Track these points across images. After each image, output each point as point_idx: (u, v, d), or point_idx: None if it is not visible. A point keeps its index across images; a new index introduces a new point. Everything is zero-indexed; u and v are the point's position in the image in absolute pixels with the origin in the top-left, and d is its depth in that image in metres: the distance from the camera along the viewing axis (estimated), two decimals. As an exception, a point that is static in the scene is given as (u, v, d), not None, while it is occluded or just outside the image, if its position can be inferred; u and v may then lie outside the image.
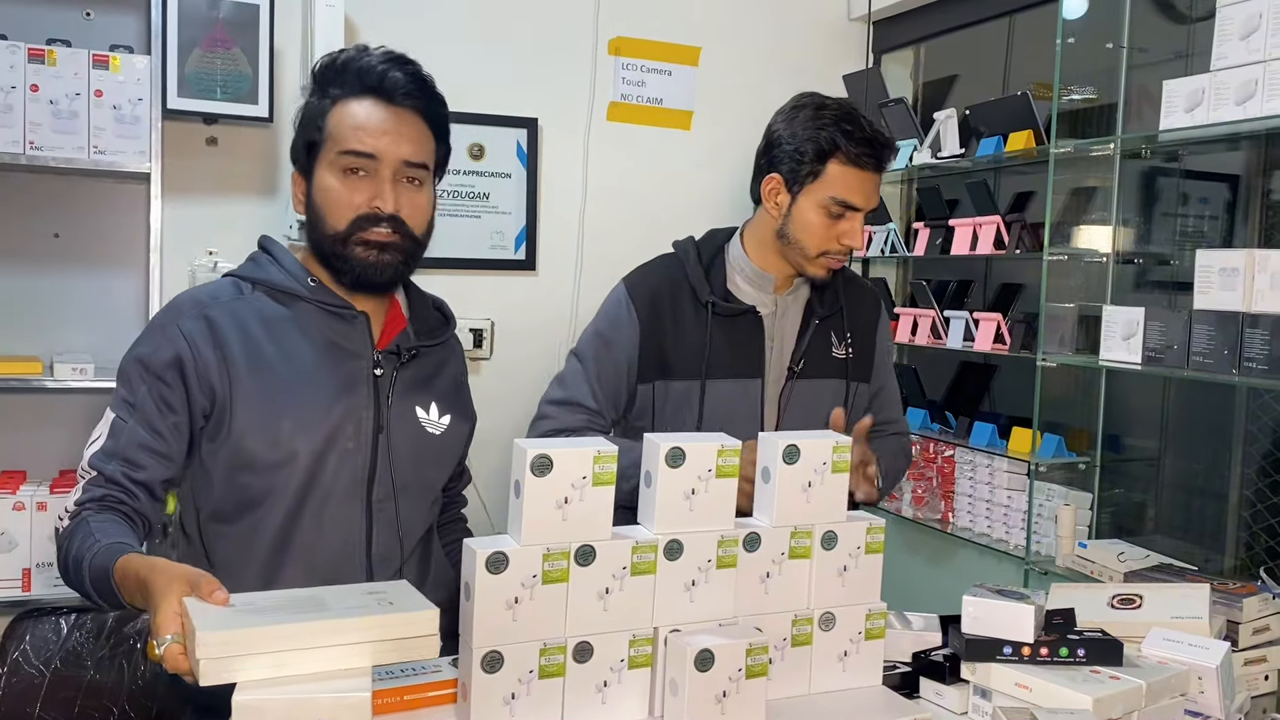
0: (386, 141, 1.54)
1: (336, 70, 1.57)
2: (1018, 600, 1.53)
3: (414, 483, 1.63)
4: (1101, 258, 2.58)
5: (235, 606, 1.12)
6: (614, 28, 3.12)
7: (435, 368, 1.71)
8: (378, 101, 1.56)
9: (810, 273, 1.95)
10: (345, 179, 1.54)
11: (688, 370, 1.95)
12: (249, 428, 1.51)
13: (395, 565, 1.59)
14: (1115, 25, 2.57)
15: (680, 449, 1.32)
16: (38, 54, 2.34)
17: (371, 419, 1.58)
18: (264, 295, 1.58)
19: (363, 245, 1.55)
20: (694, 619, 1.34)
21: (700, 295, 1.96)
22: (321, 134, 1.56)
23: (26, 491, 2.45)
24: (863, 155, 1.87)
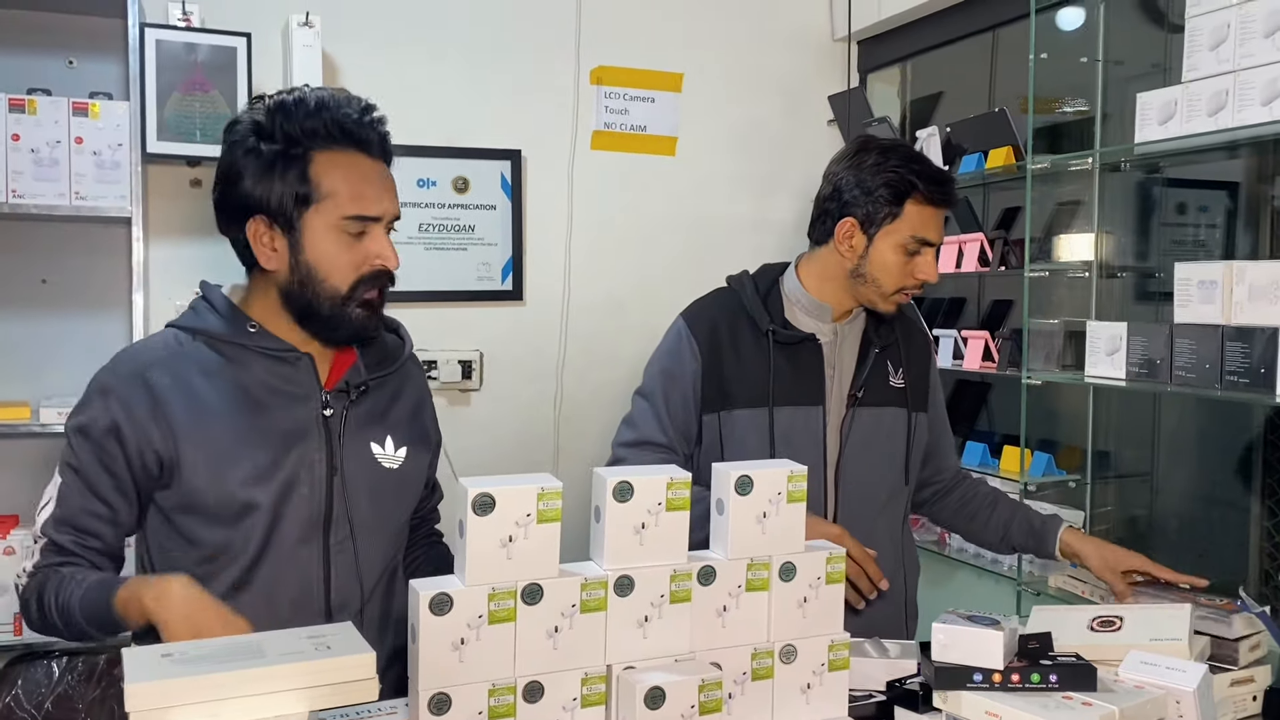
0: (386, 202, 1.55)
1: (303, 113, 1.51)
2: (988, 626, 1.51)
3: (372, 521, 1.59)
4: (1084, 272, 2.55)
5: (171, 655, 1.11)
6: (596, 57, 3.14)
7: (390, 398, 1.66)
8: (360, 154, 1.54)
9: (881, 308, 1.99)
10: (347, 240, 1.51)
11: (751, 399, 1.97)
12: (200, 485, 1.48)
13: (355, 607, 1.56)
14: (1092, 39, 2.55)
15: (628, 483, 1.31)
16: (18, 104, 2.38)
17: (324, 462, 1.54)
18: (204, 345, 1.54)
19: (363, 306, 1.54)
20: (648, 655, 1.32)
21: (760, 324, 1.99)
22: (312, 190, 1.49)
23: (17, 535, 2.48)
24: (936, 193, 1.93)
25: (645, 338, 3.10)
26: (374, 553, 1.60)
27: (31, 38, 2.60)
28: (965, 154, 2.79)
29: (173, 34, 2.55)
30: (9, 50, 2.58)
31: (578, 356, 3.15)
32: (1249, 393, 1.94)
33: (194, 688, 1.05)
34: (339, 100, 1.53)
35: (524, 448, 3.07)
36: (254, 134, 1.51)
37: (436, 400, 2.97)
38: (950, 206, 1.98)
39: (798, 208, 3.39)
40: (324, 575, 1.54)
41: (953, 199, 1.98)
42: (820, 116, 3.38)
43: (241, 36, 2.61)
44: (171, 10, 2.60)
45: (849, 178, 1.96)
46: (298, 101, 1.52)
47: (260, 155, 1.50)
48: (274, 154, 1.50)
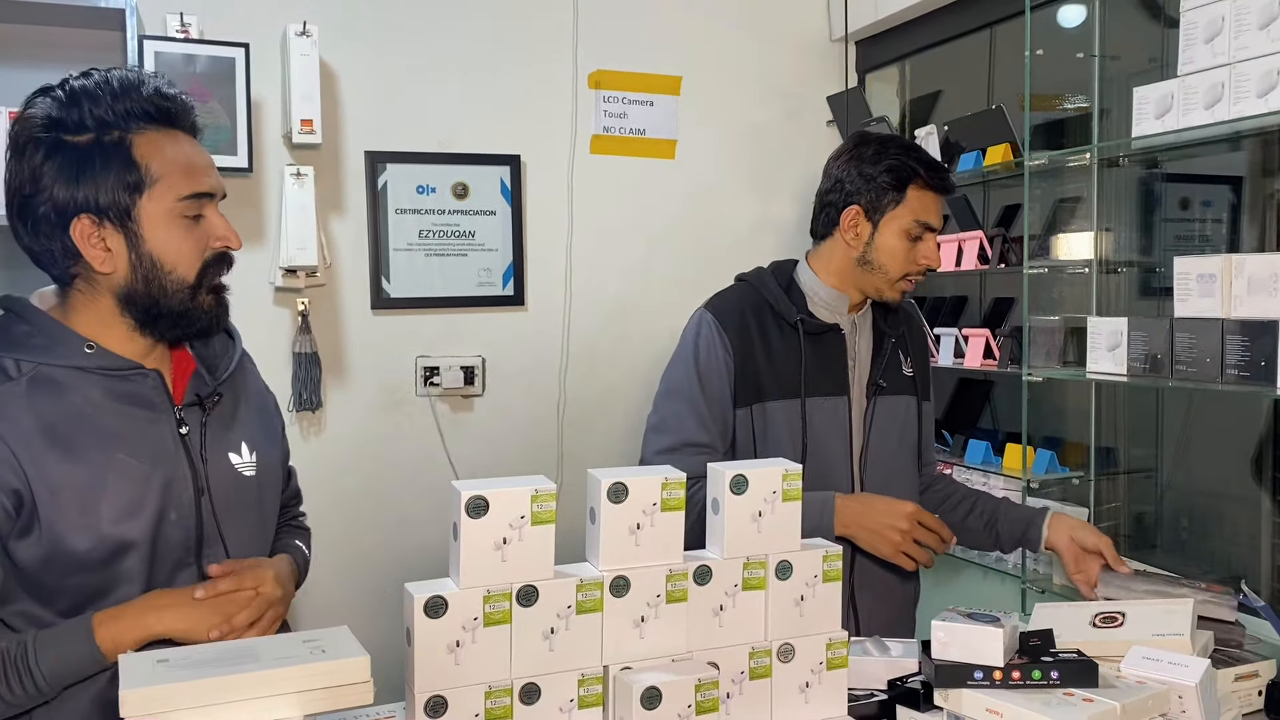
0: (214, 177, 1.43)
1: (111, 96, 1.36)
2: (988, 623, 1.50)
3: (243, 533, 1.48)
4: (1084, 268, 2.54)
5: (167, 661, 1.11)
6: (594, 61, 3.14)
7: (233, 401, 1.53)
8: (180, 133, 1.41)
9: (888, 297, 2.02)
10: (187, 227, 1.40)
11: (783, 390, 1.99)
12: (66, 529, 1.33)
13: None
14: (1089, 35, 2.55)
15: (623, 484, 1.31)
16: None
17: (189, 482, 1.42)
18: (33, 376, 1.35)
19: (210, 292, 1.43)
20: (645, 656, 1.32)
21: (787, 316, 2.01)
22: (139, 174, 1.36)
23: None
24: (935, 179, 1.98)
25: (647, 341, 3.12)
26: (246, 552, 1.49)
27: (32, 51, 2.61)
28: (964, 152, 2.78)
29: (171, 45, 2.57)
30: (10, 64, 2.60)
31: (580, 361, 3.16)
32: (1250, 385, 1.94)
33: (189, 693, 1.06)
34: (142, 78, 1.40)
35: (527, 453, 3.07)
36: (53, 128, 1.35)
37: (439, 407, 3.00)
38: (949, 193, 2.03)
39: (798, 208, 3.39)
40: None
41: (951, 185, 2.03)
42: (819, 117, 3.38)
43: (239, 47, 2.62)
44: (170, 22, 2.62)
45: (850, 169, 2.00)
46: (100, 85, 1.37)
47: (69, 149, 1.34)
48: (88, 144, 1.35)
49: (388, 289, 2.96)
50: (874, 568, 2.02)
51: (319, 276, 2.81)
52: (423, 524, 2.89)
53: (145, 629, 1.32)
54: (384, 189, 2.95)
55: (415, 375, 2.99)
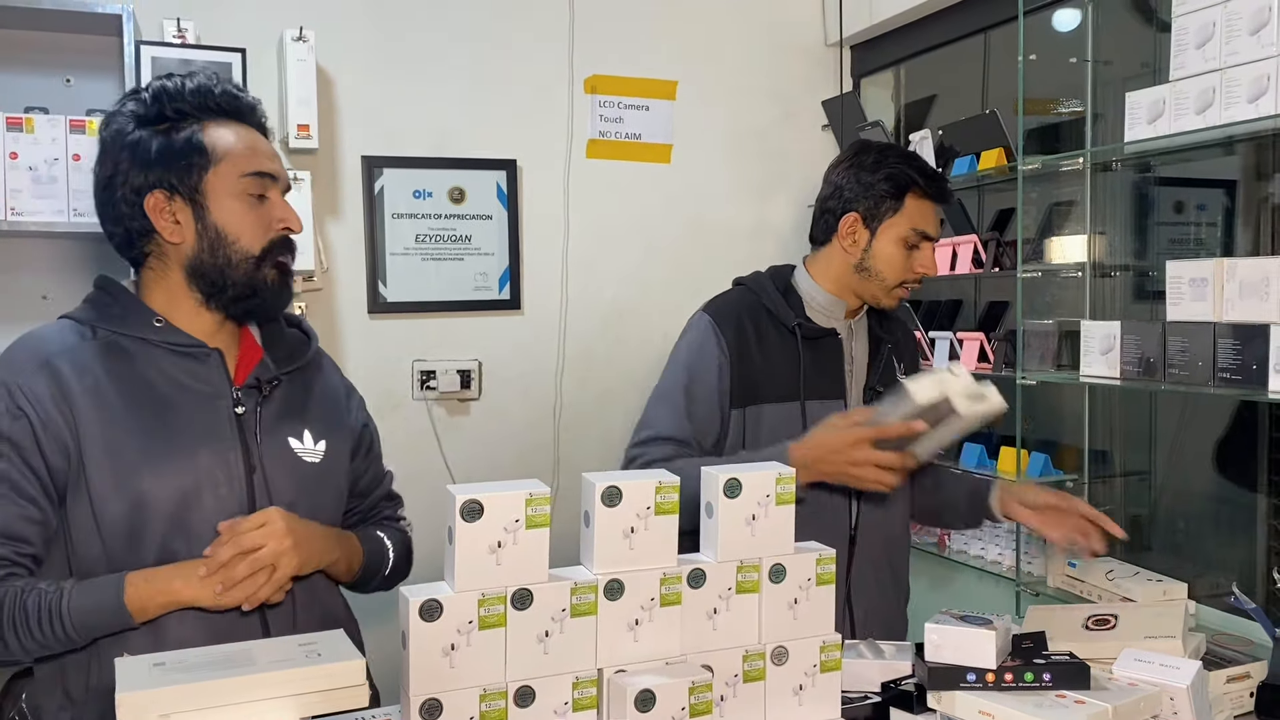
0: (277, 164, 1.56)
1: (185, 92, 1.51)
2: (980, 625, 1.51)
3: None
4: (1078, 272, 2.55)
5: (163, 664, 1.12)
6: (590, 66, 3.15)
7: (304, 392, 1.62)
8: (246, 127, 1.56)
9: (884, 303, 2.05)
10: (251, 200, 1.52)
11: (780, 393, 2.01)
12: (106, 488, 1.43)
13: (288, 613, 1.51)
14: (1082, 40, 2.56)
15: (617, 488, 1.32)
16: (16, 122, 2.40)
17: (241, 460, 1.50)
18: (105, 341, 1.48)
19: (275, 268, 1.54)
20: (639, 659, 1.33)
21: (785, 320, 2.04)
22: (207, 156, 1.50)
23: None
24: (933, 188, 2.01)
25: (644, 345, 3.13)
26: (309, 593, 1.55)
27: (29, 57, 2.62)
28: (958, 156, 2.79)
29: (168, 51, 2.58)
30: (7, 69, 2.61)
31: (576, 365, 3.16)
32: (1241, 389, 1.95)
33: (185, 696, 1.07)
34: (215, 80, 1.55)
35: (524, 457, 3.08)
36: (136, 123, 1.51)
37: (435, 411, 3.01)
38: (946, 202, 2.05)
39: (794, 213, 3.40)
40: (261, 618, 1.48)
41: (949, 195, 2.05)
42: (814, 121, 3.39)
43: (236, 52, 2.63)
44: (167, 27, 2.63)
45: (850, 176, 2.03)
46: (179, 84, 1.53)
47: (148, 139, 1.50)
48: (165, 131, 1.50)
49: (384, 293, 2.97)
50: (869, 571, 2.03)
51: (316, 281, 2.81)
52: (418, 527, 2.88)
53: (170, 595, 1.39)
54: (380, 193, 2.96)
55: (412, 379, 3.00)
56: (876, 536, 2.05)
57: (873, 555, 2.04)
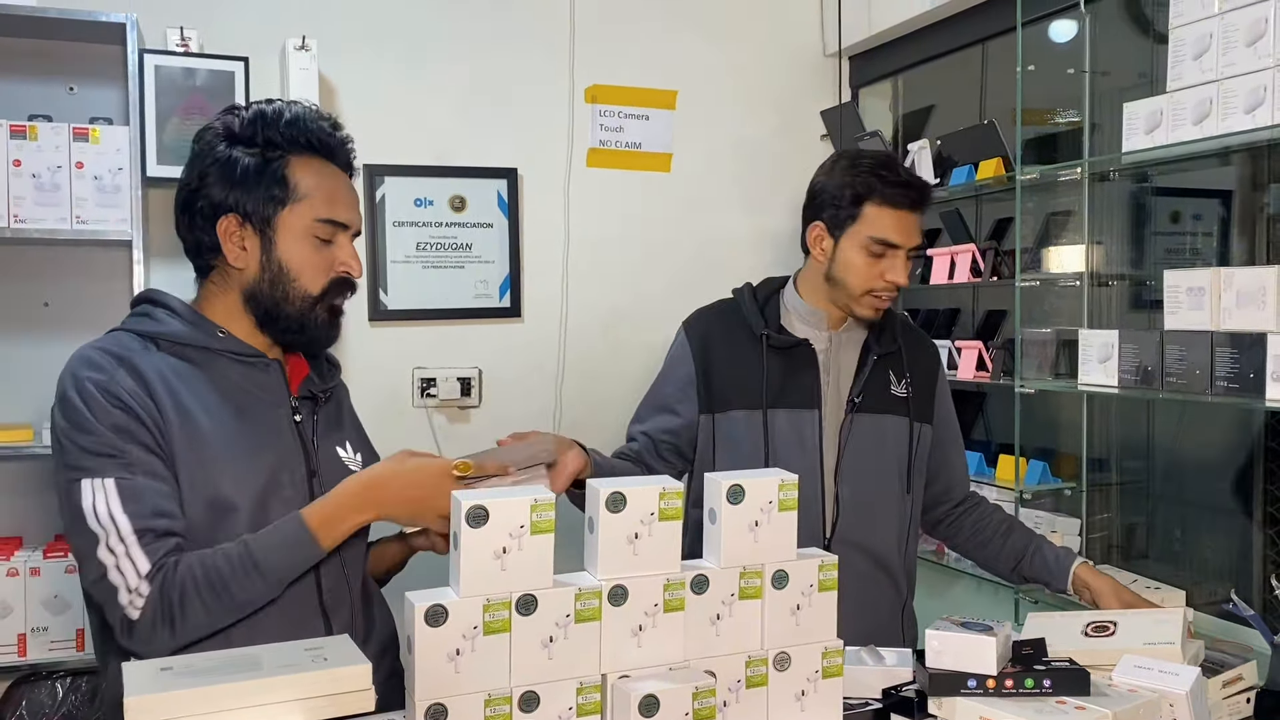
0: (354, 214, 1.61)
1: (284, 122, 1.56)
2: (981, 632, 1.52)
3: None
4: (1076, 281, 2.57)
5: (171, 669, 1.13)
6: (590, 76, 3.17)
7: (338, 408, 1.72)
8: (334, 166, 1.61)
9: (858, 312, 2.05)
10: (319, 243, 1.57)
11: (744, 401, 2.04)
12: (186, 486, 1.46)
13: (347, 605, 1.58)
14: (1079, 51, 2.58)
15: (621, 494, 1.33)
16: (20, 130, 2.41)
17: (303, 464, 1.57)
18: (169, 352, 1.52)
19: (328, 310, 1.59)
20: (643, 664, 1.34)
21: (755, 329, 2.07)
22: (289, 191, 1.54)
23: (21, 557, 2.49)
24: (896, 194, 1.98)
25: (643, 353, 3.13)
26: (355, 555, 1.62)
27: (33, 65, 2.63)
28: (956, 166, 2.81)
29: (171, 59, 2.59)
30: (11, 77, 2.62)
31: (576, 373, 3.17)
32: (1239, 398, 1.96)
33: (193, 700, 1.07)
34: (313, 114, 1.60)
35: (524, 464, 3.08)
36: (226, 140, 1.56)
37: (436, 418, 3.02)
38: (914, 210, 2.01)
39: (792, 222, 3.38)
40: (315, 578, 1.54)
41: (917, 202, 2.02)
42: (813, 131, 3.41)
43: (239, 61, 2.64)
44: (170, 36, 2.64)
45: (821, 184, 2.07)
46: (277, 112, 1.57)
47: (236, 159, 1.54)
48: (252, 156, 1.54)
49: (385, 300, 2.98)
50: (852, 578, 2.02)
51: (317, 288, 2.82)
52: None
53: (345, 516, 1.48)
54: (382, 201, 2.97)
55: (412, 386, 3.01)
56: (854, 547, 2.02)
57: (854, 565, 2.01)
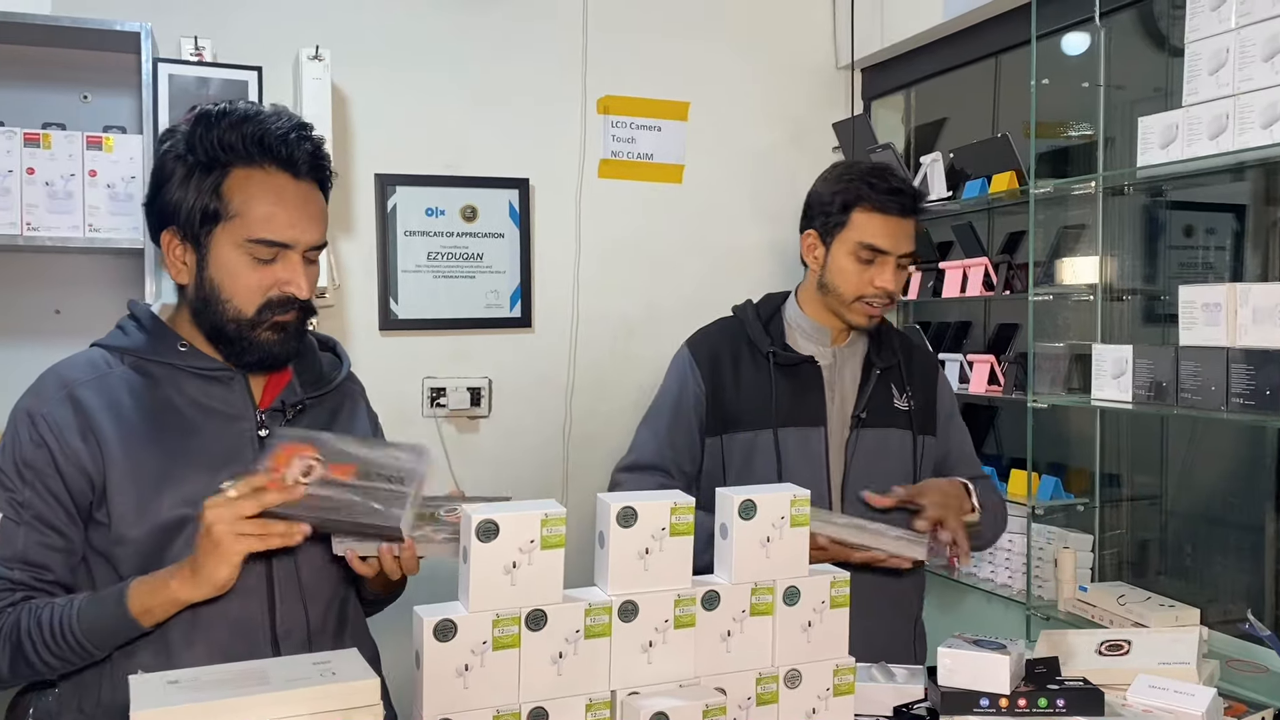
0: (299, 230, 1.47)
1: (226, 126, 1.44)
2: (994, 650, 1.51)
3: (318, 544, 1.47)
4: (1089, 295, 2.55)
5: (178, 682, 1.12)
6: (603, 87, 3.17)
7: (329, 416, 1.60)
8: (285, 175, 1.47)
9: (851, 320, 2.05)
10: (254, 264, 1.46)
11: (753, 421, 2.03)
12: (127, 511, 1.42)
13: (301, 635, 1.49)
14: (1094, 64, 2.57)
15: (632, 509, 1.32)
16: (33, 138, 2.41)
17: None
18: (132, 366, 1.48)
19: (269, 329, 1.48)
20: (653, 680, 1.33)
21: (761, 347, 2.06)
22: (223, 206, 1.44)
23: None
24: (884, 200, 1.99)
25: (653, 365, 3.11)
26: (321, 580, 1.53)
27: (47, 73, 2.64)
28: (969, 179, 2.80)
29: (185, 68, 2.59)
30: (25, 86, 2.62)
31: (586, 383, 3.17)
32: (1255, 414, 1.94)
33: (200, 714, 1.06)
34: (267, 115, 1.47)
35: (533, 475, 3.08)
36: (176, 144, 1.47)
37: (445, 428, 3.01)
38: (902, 215, 2.02)
39: (804, 234, 3.41)
40: (268, 602, 1.47)
41: (905, 209, 2.02)
42: (825, 144, 3.40)
43: (253, 70, 2.65)
44: (184, 45, 2.64)
45: (814, 194, 2.09)
46: (221, 113, 1.45)
47: (184, 164, 1.45)
48: (194, 165, 1.44)
49: (396, 310, 2.98)
50: (861, 593, 2.00)
51: (328, 297, 2.82)
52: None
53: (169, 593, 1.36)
54: (393, 211, 2.97)
55: (422, 396, 3.00)
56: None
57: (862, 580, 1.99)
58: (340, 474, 1.38)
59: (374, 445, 1.44)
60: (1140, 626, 1.99)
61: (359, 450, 1.41)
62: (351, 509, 1.37)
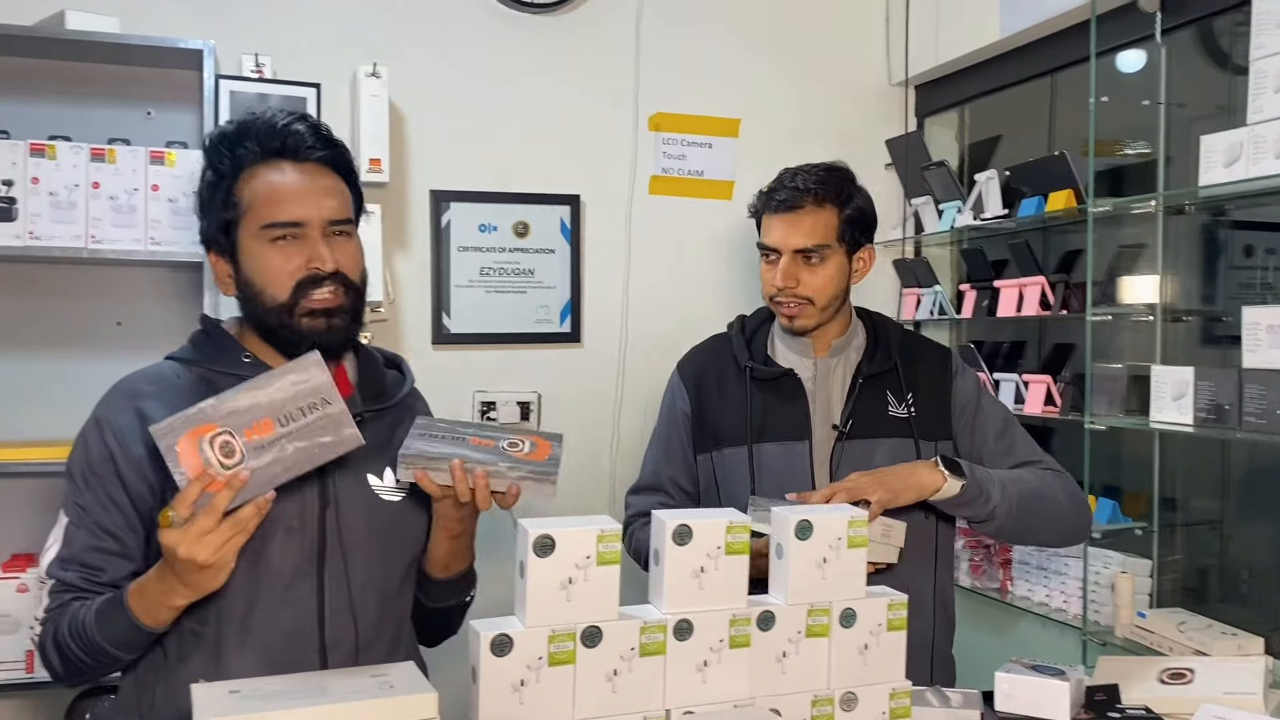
0: (309, 207, 1.51)
1: (231, 140, 1.53)
2: (1053, 676, 1.49)
3: (372, 558, 1.54)
4: (1148, 316, 2.51)
5: (239, 692, 1.13)
6: (654, 104, 3.18)
7: (390, 430, 1.61)
8: (286, 162, 1.53)
9: (780, 322, 2.09)
10: (276, 247, 1.50)
11: (736, 437, 2.03)
12: None
13: (350, 646, 1.50)
14: (1154, 81, 2.53)
15: (687, 526, 1.31)
16: (99, 153, 2.46)
17: (316, 495, 1.50)
18: (199, 377, 1.53)
19: (309, 315, 1.51)
20: (707, 700, 1.32)
21: (740, 361, 2.08)
22: (237, 209, 1.51)
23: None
24: (772, 201, 2.07)
25: (702, 380, 3.12)
26: (373, 593, 1.54)
27: (113, 90, 2.69)
28: (1025, 197, 2.77)
29: (246, 85, 2.64)
30: (91, 102, 2.68)
31: (634, 398, 3.17)
32: (1322, 440, 1.90)
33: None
34: (265, 118, 1.54)
35: (580, 490, 3.08)
36: (208, 166, 1.56)
37: (495, 442, 3.02)
38: (782, 211, 2.05)
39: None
40: (318, 611, 1.49)
41: (783, 203, 2.05)
42: (877, 160, 3.38)
43: (311, 87, 2.69)
44: (245, 62, 2.69)
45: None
46: (235, 127, 1.55)
47: (210, 186, 1.55)
48: (214, 182, 1.54)
49: (448, 324, 3.00)
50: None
51: (383, 311, 2.85)
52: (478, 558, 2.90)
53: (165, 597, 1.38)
54: (447, 227, 3.00)
55: (472, 410, 3.02)
56: None
57: None
58: (260, 433, 1.36)
59: (258, 385, 1.39)
60: (1202, 655, 1.94)
61: (254, 398, 1.37)
62: (306, 458, 1.37)
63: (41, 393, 2.67)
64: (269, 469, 1.35)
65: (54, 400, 2.68)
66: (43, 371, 2.68)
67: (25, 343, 2.67)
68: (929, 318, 3.20)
